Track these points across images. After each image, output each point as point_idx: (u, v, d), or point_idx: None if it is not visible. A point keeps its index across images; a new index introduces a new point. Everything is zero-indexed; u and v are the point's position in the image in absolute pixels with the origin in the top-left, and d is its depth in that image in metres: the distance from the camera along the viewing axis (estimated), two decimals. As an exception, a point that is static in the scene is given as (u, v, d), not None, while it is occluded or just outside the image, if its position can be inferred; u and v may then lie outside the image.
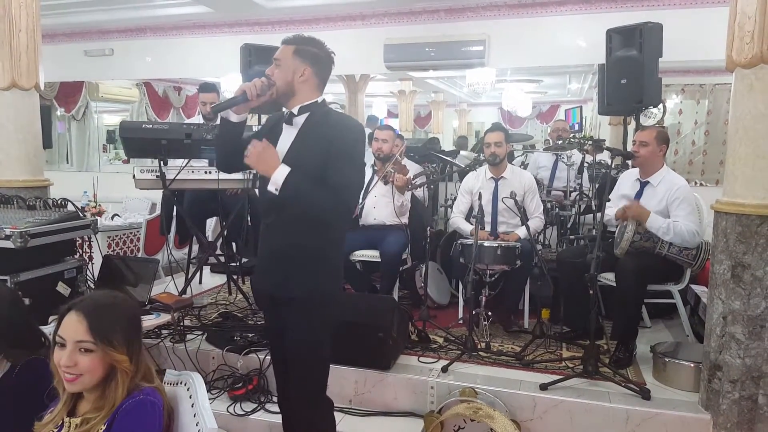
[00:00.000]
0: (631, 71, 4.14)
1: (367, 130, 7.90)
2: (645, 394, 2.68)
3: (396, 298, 3.69)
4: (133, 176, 3.67)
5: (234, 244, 4.64)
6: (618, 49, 4.27)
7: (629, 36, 4.19)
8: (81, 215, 3.33)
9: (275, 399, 2.90)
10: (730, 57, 2.40)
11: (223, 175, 3.65)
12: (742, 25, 2.33)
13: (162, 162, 3.55)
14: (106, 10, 6.05)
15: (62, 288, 3.10)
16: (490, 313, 3.46)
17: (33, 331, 1.81)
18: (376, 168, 4.07)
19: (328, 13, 5.69)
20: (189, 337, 3.28)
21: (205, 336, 3.26)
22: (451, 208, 4.23)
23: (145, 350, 1.57)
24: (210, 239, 4.56)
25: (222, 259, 4.32)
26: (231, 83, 6.28)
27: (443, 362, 3.04)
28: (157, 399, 1.49)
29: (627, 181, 3.48)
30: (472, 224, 3.71)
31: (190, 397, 1.57)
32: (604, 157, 5.05)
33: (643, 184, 3.32)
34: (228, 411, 2.81)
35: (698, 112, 8.15)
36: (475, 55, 5.27)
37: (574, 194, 4.66)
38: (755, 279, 2.40)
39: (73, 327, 1.44)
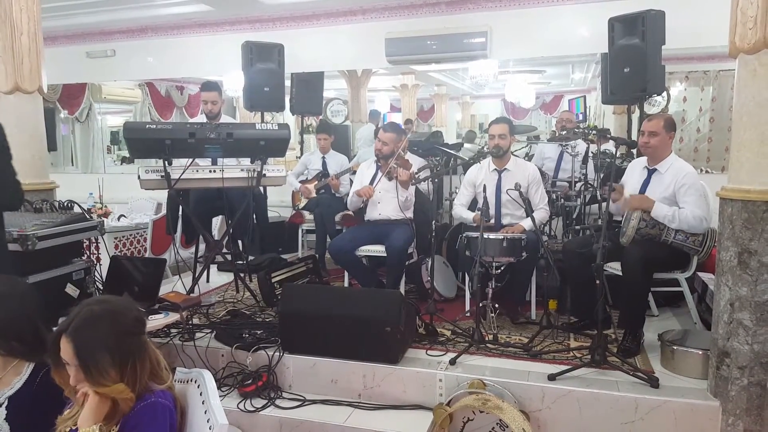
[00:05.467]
0: (634, 60, 4.12)
1: (371, 126, 7.90)
2: (653, 383, 2.68)
3: (402, 292, 3.70)
4: (138, 177, 3.68)
5: (240, 242, 4.65)
6: (620, 37, 4.26)
7: (632, 24, 4.17)
8: (87, 217, 3.35)
9: (285, 395, 2.95)
10: (733, 43, 2.38)
11: (227, 174, 3.67)
12: (745, 10, 2.31)
13: (166, 162, 3.56)
14: (107, 11, 6.07)
15: (71, 289, 3.12)
16: (497, 305, 3.47)
17: (49, 330, 1.83)
18: (380, 164, 4.07)
19: (328, 9, 5.68)
20: (198, 335, 3.29)
21: (213, 334, 3.28)
22: (456, 201, 4.23)
23: (151, 351, 1.57)
24: (216, 238, 4.58)
25: (229, 257, 4.34)
26: (233, 81, 6.28)
27: (451, 355, 3.04)
28: (168, 400, 1.51)
29: (635, 170, 3.47)
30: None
31: (201, 395, 1.58)
32: (609, 146, 5.03)
33: (651, 172, 3.32)
34: (238, 407, 2.82)
35: (703, 99, 8.08)
36: (478, 47, 5.26)
37: (579, 184, 4.65)
38: (762, 265, 2.40)
39: (66, 352, 1.46)
